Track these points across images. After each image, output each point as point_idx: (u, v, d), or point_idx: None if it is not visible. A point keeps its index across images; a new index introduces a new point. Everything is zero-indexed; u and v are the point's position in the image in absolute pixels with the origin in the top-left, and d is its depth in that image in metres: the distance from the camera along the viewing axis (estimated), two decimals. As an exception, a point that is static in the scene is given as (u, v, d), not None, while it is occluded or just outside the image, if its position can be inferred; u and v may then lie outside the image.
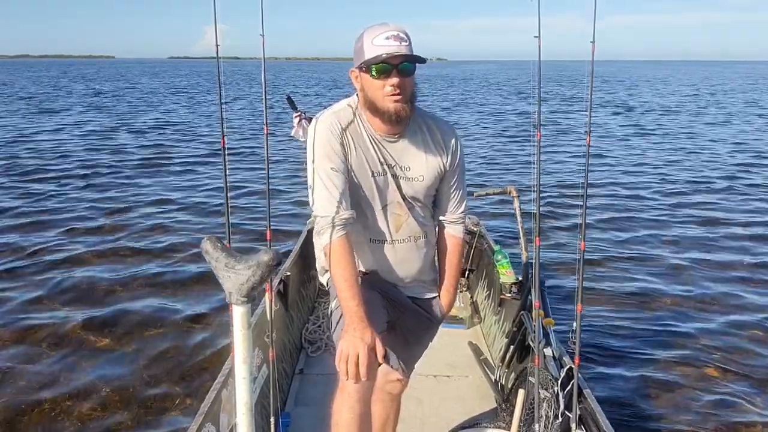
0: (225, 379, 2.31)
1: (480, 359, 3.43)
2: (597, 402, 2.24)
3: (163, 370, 3.99)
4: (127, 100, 28.63)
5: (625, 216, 7.97)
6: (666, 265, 6.08)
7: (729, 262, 6.17)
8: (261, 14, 2.32)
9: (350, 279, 1.73)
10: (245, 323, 1.07)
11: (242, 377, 1.08)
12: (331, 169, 1.77)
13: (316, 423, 2.77)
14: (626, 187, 9.78)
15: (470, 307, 4.09)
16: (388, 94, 1.73)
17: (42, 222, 7.43)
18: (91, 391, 3.73)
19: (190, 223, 7.57)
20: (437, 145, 1.91)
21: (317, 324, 3.69)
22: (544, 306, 2.73)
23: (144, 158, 12.25)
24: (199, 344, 4.35)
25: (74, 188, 9.42)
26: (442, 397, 3.09)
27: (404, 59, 1.72)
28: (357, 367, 1.61)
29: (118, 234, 6.98)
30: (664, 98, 32.11)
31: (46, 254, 6.20)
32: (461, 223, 2.06)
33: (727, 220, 7.87)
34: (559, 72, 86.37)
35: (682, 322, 4.77)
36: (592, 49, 2.08)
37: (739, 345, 4.40)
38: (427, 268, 2.05)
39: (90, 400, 3.63)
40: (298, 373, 3.28)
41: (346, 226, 1.77)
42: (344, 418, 1.74)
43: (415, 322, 2.07)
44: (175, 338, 4.44)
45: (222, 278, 1.05)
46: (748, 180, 10.47)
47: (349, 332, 1.66)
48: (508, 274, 3.57)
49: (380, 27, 1.75)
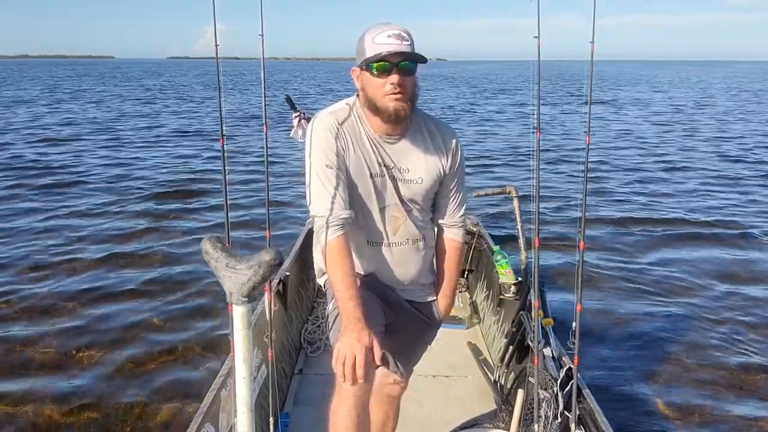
0: (224, 379, 2.31)
1: (479, 359, 3.43)
2: (596, 402, 2.24)
3: (162, 370, 3.99)
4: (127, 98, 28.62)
5: (625, 216, 7.97)
6: (666, 265, 6.08)
7: (729, 262, 6.18)
8: (260, 14, 2.32)
9: (348, 279, 1.70)
10: (245, 323, 1.07)
11: (242, 377, 1.08)
12: (328, 167, 1.76)
13: (315, 423, 2.77)
14: (626, 187, 9.79)
15: (469, 308, 4.09)
16: (388, 93, 1.72)
17: (41, 225, 7.42)
18: (90, 392, 3.72)
19: (190, 223, 7.56)
20: (437, 147, 1.90)
21: (316, 324, 3.69)
22: (544, 306, 2.73)
23: (144, 157, 12.26)
24: (198, 344, 4.35)
25: (69, 188, 9.41)
26: (441, 397, 3.09)
27: (405, 57, 1.71)
28: (354, 368, 1.58)
29: (118, 234, 6.98)
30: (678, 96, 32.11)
31: (49, 255, 6.20)
32: (460, 227, 2.04)
33: (728, 217, 7.89)
34: (559, 73, 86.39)
35: (683, 322, 4.77)
36: (592, 49, 2.08)
37: (739, 345, 4.41)
38: (426, 272, 2.03)
39: (89, 401, 3.63)
40: (297, 373, 3.28)
41: (344, 226, 1.75)
42: (342, 421, 1.73)
43: (413, 325, 2.05)
44: (174, 338, 4.43)
45: (222, 278, 1.05)
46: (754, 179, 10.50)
47: (346, 333, 1.62)
48: (508, 274, 3.57)
49: (382, 26, 1.74)
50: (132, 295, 5.21)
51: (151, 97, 31.07)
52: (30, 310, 4.89)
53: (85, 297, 5.16)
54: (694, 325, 4.73)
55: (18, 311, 4.86)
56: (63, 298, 5.15)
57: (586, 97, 2.24)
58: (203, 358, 4.14)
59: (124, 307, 4.98)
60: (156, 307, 4.98)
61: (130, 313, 4.87)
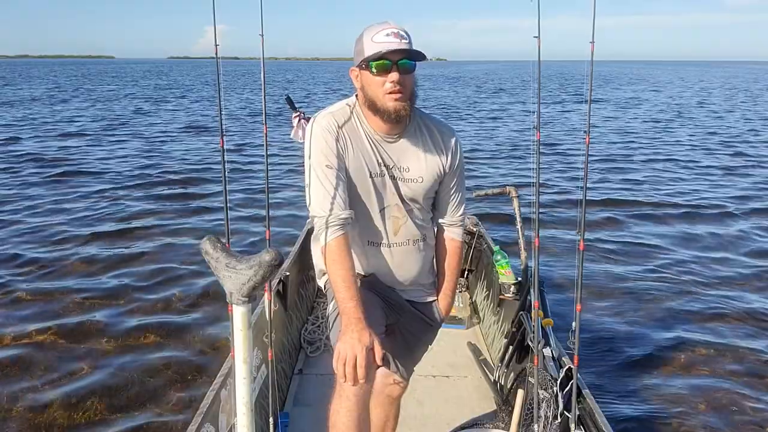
0: (224, 379, 2.31)
1: (479, 359, 3.42)
2: (596, 402, 2.24)
3: (161, 370, 3.98)
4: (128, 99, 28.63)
5: (625, 216, 7.97)
6: (667, 265, 6.08)
7: (729, 261, 6.18)
8: (260, 14, 2.32)
9: (348, 279, 1.70)
10: (246, 323, 1.07)
11: (242, 377, 1.08)
12: (328, 167, 1.76)
13: (314, 423, 2.77)
14: (627, 187, 9.78)
15: (469, 308, 4.09)
16: (387, 92, 1.72)
17: (42, 226, 7.42)
18: (89, 392, 3.72)
19: (189, 223, 7.56)
20: (437, 146, 1.90)
21: (316, 324, 3.69)
22: (543, 306, 2.73)
23: (144, 158, 12.26)
24: (198, 344, 4.35)
25: (68, 189, 9.42)
26: (441, 397, 3.09)
27: (404, 55, 1.71)
28: (355, 369, 1.58)
29: (116, 235, 6.98)
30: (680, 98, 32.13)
31: (53, 257, 6.20)
32: (460, 226, 2.04)
33: (729, 217, 7.89)
34: (559, 72, 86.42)
35: (683, 323, 4.77)
36: (592, 49, 2.08)
37: (740, 345, 4.40)
38: (426, 272, 2.03)
39: (88, 401, 3.63)
40: (297, 373, 3.28)
41: (344, 226, 1.75)
42: (342, 421, 1.72)
43: (413, 325, 2.05)
44: (174, 338, 4.43)
45: (222, 278, 1.05)
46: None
47: (346, 334, 1.62)
48: (508, 274, 3.57)
49: (380, 25, 1.74)
50: (132, 295, 5.20)
51: (161, 97, 31.15)
52: (22, 310, 4.88)
53: (82, 296, 5.16)
54: (694, 325, 4.73)
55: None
56: (61, 295, 5.15)
57: (586, 96, 2.23)
58: (203, 358, 4.14)
59: (124, 307, 4.97)
60: (156, 307, 4.97)
61: (129, 313, 4.86)
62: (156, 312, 4.89)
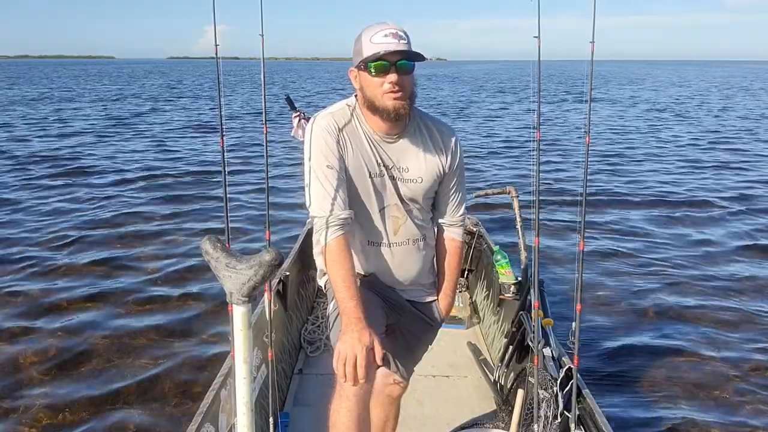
0: (224, 379, 2.31)
1: (479, 359, 3.42)
2: (596, 402, 2.24)
3: (161, 370, 3.98)
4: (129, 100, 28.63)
5: (625, 216, 7.97)
6: (667, 265, 6.08)
7: (732, 261, 6.18)
8: (261, 14, 2.32)
9: (348, 279, 1.70)
10: (246, 323, 1.07)
11: (242, 377, 1.08)
12: (328, 167, 1.76)
13: (315, 423, 2.77)
14: (627, 186, 9.78)
15: (469, 308, 4.08)
16: (386, 92, 1.72)
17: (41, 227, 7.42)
18: (89, 392, 3.72)
19: (189, 223, 7.56)
20: (436, 146, 1.90)
21: (316, 324, 3.69)
22: (543, 306, 2.73)
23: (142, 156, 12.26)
24: (198, 344, 4.35)
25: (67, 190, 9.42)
26: (441, 397, 3.09)
27: (402, 56, 1.71)
28: (355, 368, 1.58)
29: (116, 234, 6.98)
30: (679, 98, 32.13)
31: (51, 256, 6.20)
32: (460, 226, 2.04)
33: (730, 217, 7.89)
34: (560, 72, 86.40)
35: (683, 323, 4.77)
36: (592, 49, 2.08)
37: (740, 345, 4.40)
38: (426, 271, 2.03)
39: (88, 401, 3.63)
40: (297, 373, 3.28)
41: (344, 226, 1.75)
42: (342, 421, 1.72)
43: (414, 325, 2.05)
44: (173, 338, 4.43)
45: (222, 278, 1.05)
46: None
47: (346, 333, 1.62)
48: (508, 274, 3.57)
49: (379, 26, 1.74)
50: (131, 294, 5.20)
51: (177, 94, 31.27)
52: (22, 309, 4.89)
53: (80, 295, 5.16)
54: (695, 325, 4.73)
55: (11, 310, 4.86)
56: (60, 294, 5.15)
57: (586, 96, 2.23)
58: (203, 358, 4.14)
59: (123, 307, 4.97)
60: (155, 307, 4.97)
61: (129, 312, 4.86)
62: (155, 312, 4.89)
